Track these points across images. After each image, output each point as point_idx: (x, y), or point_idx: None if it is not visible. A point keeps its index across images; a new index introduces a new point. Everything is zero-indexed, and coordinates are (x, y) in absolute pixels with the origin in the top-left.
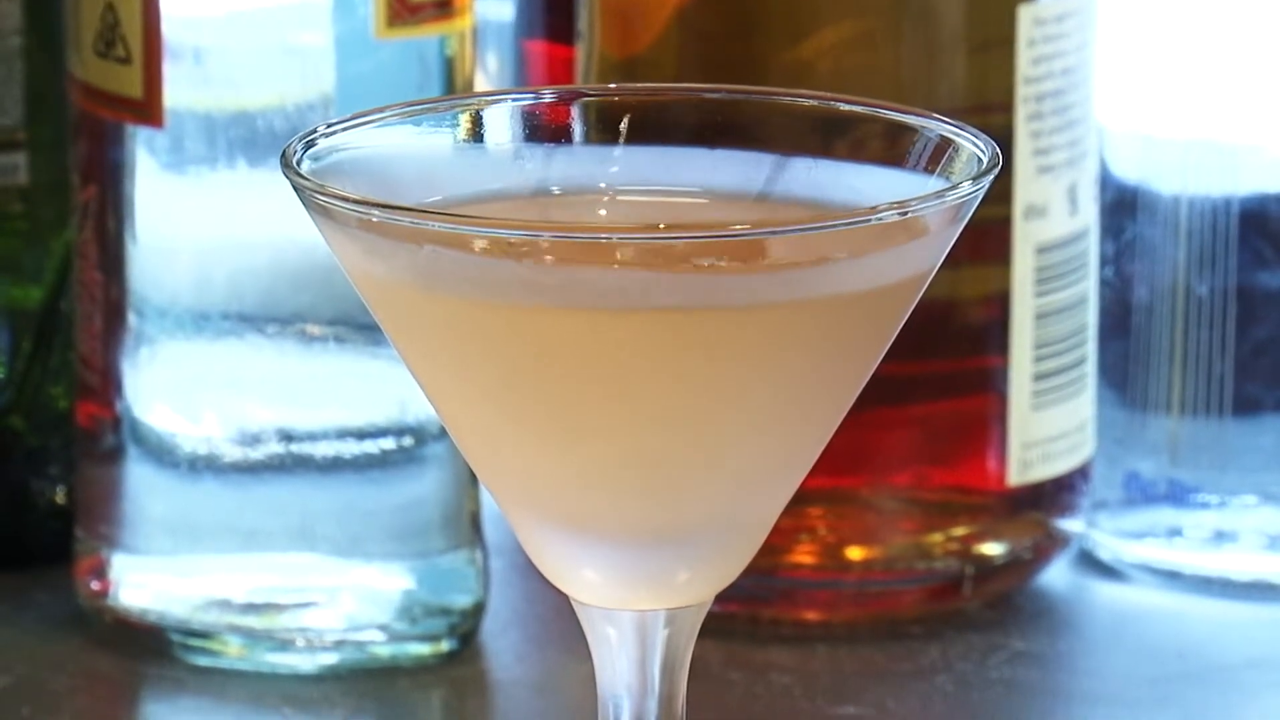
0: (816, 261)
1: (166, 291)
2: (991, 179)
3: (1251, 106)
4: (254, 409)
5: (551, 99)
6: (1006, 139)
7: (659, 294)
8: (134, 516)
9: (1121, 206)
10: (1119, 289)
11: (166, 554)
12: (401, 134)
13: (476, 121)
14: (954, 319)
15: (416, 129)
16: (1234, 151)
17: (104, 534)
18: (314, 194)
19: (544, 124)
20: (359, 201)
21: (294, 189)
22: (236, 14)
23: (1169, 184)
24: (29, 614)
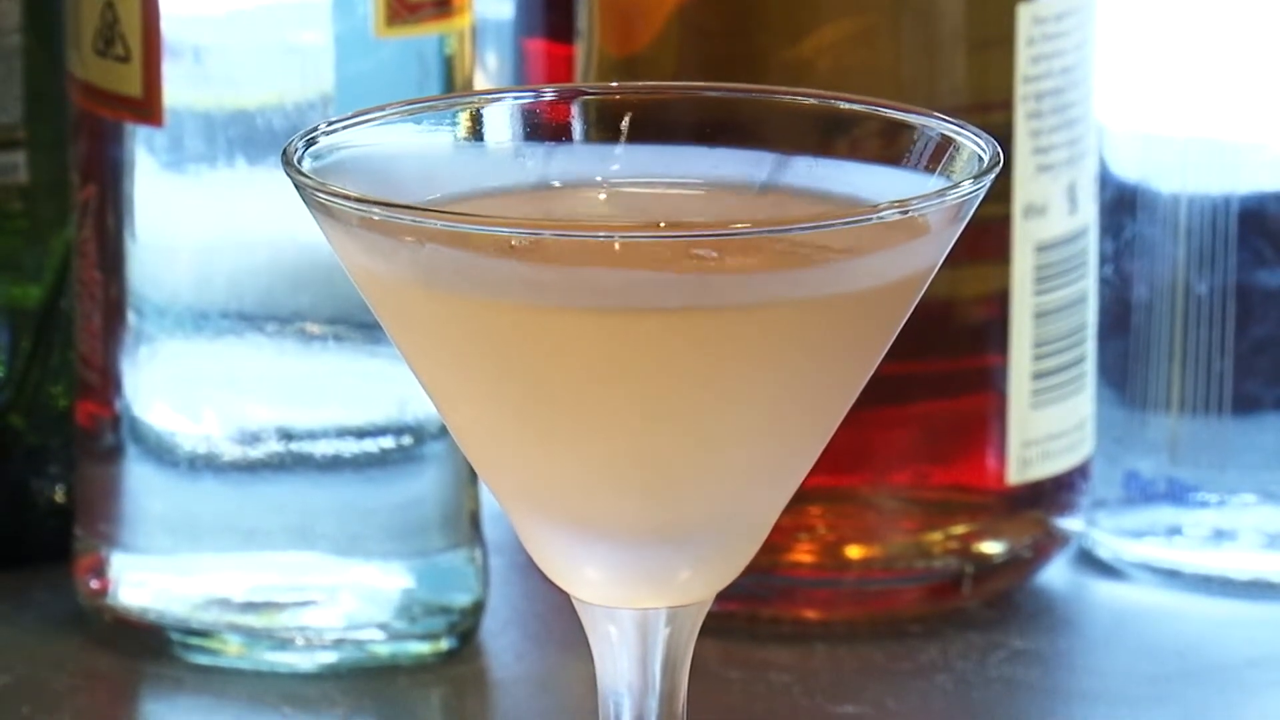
0: (818, 260)
1: (166, 290)
2: (993, 178)
3: (1251, 105)
4: (253, 408)
5: (553, 97)
6: (1006, 137)
7: (661, 293)
8: (133, 515)
9: (1121, 205)
10: (1118, 287)
11: (166, 553)
12: (403, 132)
13: (478, 120)
14: (953, 318)
15: (418, 127)
16: (1233, 150)
17: (103, 533)
18: (315, 192)
19: (545, 122)
20: (360, 199)
21: (295, 187)
22: (236, 13)
23: (1168, 182)
24: (29, 613)
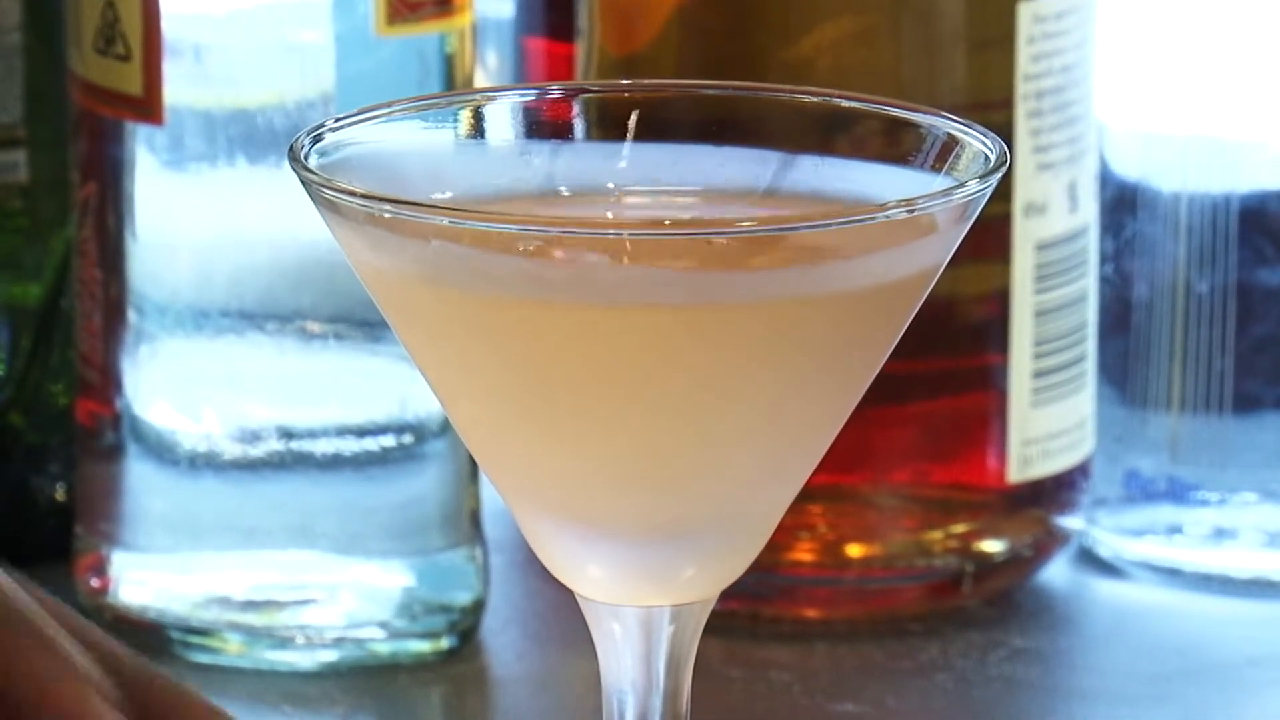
0: (824, 259)
1: (166, 289)
2: (999, 177)
3: (1251, 103)
4: (254, 406)
5: (558, 95)
6: (1006, 136)
7: (667, 290)
8: (134, 514)
9: (1121, 203)
10: (1119, 286)
11: (166, 551)
12: (408, 129)
13: (482, 117)
14: (954, 316)
15: (423, 124)
16: (1234, 148)
17: (104, 531)
18: (322, 189)
19: (551, 120)
20: (368, 196)
21: (302, 184)
22: (236, 11)
23: (1169, 181)
24: None
